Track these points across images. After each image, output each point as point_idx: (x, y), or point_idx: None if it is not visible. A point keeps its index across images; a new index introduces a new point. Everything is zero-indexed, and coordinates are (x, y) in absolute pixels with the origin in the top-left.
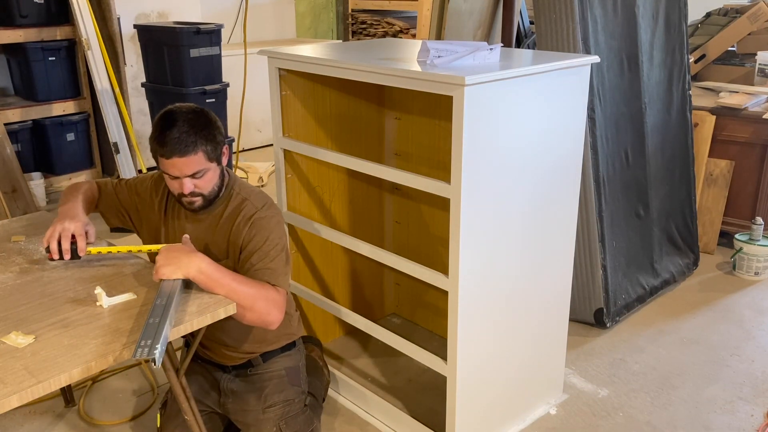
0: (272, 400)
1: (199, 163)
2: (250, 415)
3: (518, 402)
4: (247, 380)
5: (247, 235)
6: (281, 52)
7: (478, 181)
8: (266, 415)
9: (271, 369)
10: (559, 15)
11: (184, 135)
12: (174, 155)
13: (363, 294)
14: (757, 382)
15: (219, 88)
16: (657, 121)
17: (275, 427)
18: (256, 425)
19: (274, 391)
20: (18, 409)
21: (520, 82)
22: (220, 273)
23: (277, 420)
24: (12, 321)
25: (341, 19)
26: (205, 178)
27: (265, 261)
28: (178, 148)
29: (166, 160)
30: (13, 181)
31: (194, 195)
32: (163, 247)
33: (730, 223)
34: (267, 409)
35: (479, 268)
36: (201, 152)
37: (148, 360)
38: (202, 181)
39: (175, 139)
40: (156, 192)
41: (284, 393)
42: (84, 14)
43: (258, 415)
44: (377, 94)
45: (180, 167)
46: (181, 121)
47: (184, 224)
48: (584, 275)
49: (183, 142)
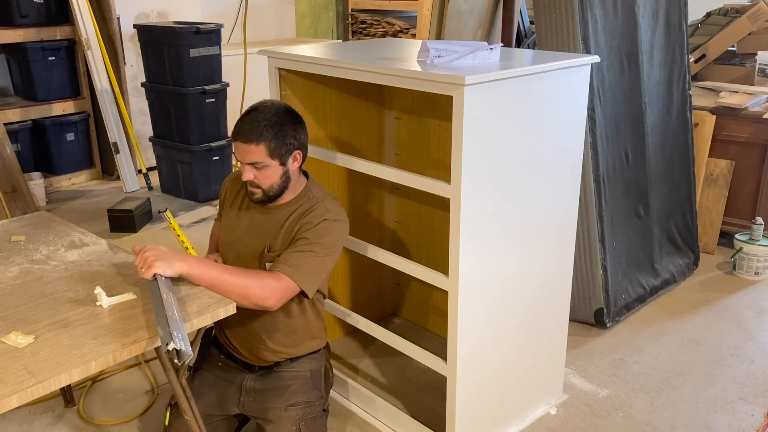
0: (295, 399)
1: (258, 154)
2: (271, 411)
3: (518, 402)
4: (272, 377)
5: (304, 229)
6: (281, 52)
7: (478, 181)
8: (287, 413)
9: (296, 369)
10: (559, 15)
11: (255, 124)
12: (238, 138)
13: (363, 294)
14: (757, 382)
15: (219, 88)
16: (657, 121)
17: (295, 426)
18: (277, 422)
19: (298, 390)
20: (18, 409)
21: (520, 82)
22: (208, 267)
23: (297, 420)
24: (12, 321)
25: (341, 19)
26: (264, 172)
27: (289, 253)
28: (243, 134)
29: (233, 140)
30: (13, 181)
31: (254, 186)
32: (148, 246)
33: (730, 223)
34: (289, 407)
35: (479, 268)
36: (263, 145)
37: (179, 351)
38: (261, 174)
39: (246, 124)
40: (235, 184)
41: (307, 394)
42: (84, 14)
43: (279, 411)
44: (377, 94)
45: (241, 152)
46: (260, 111)
47: (254, 215)
48: (584, 275)
49: (250, 130)
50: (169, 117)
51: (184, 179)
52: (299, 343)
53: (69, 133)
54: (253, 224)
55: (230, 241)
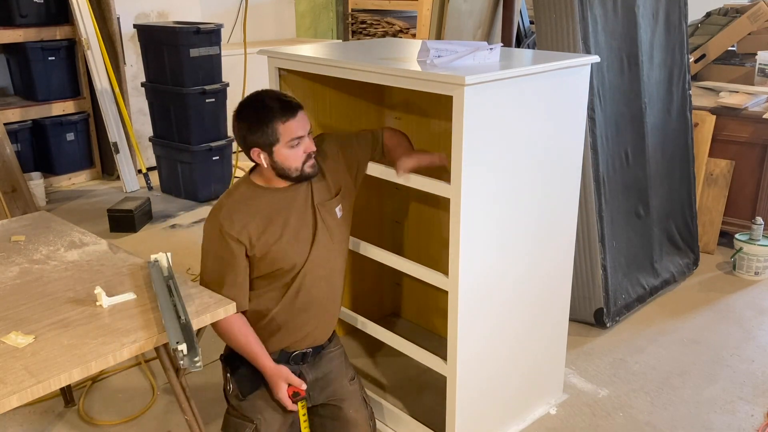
0: (350, 373)
1: (308, 119)
2: (341, 389)
3: (518, 402)
4: (322, 364)
5: (340, 149)
6: (281, 51)
7: (478, 180)
8: (353, 386)
9: (332, 349)
10: (559, 15)
11: (286, 96)
12: (290, 110)
13: (363, 294)
14: (758, 382)
15: (219, 88)
16: (657, 121)
17: (361, 396)
18: (349, 398)
19: (346, 365)
20: (18, 408)
21: (520, 82)
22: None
23: (360, 392)
24: (12, 321)
25: (341, 19)
26: (311, 136)
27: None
28: (293, 105)
29: (293, 119)
30: (13, 181)
31: (313, 155)
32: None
33: (730, 223)
34: (351, 381)
35: (479, 268)
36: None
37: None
38: (311, 139)
39: (284, 97)
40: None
41: (351, 368)
42: (84, 14)
43: (347, 387)
44: (377, 94)
45: (304, 122)
46: (270, 89)
47: (292, 214)
48: (584, 275)
49: (292, 101)
50: (169, 117)
51: (184, 179)
52: (338, 312)
53: (69, 133)
54: (296, 212)
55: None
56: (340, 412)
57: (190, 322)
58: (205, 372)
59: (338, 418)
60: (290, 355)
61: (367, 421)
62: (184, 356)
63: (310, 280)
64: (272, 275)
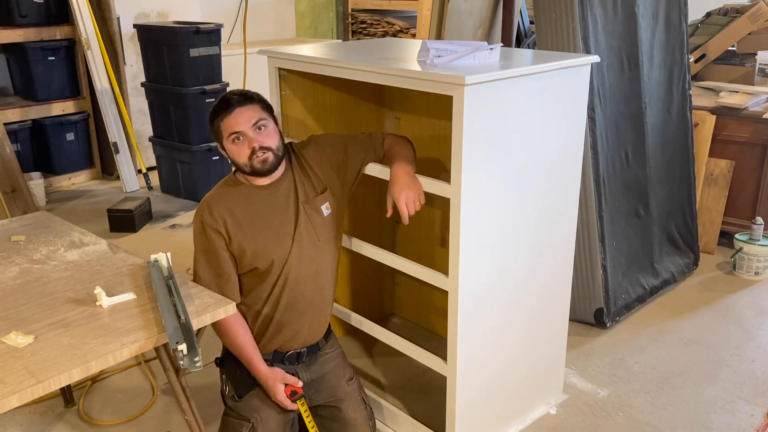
0: (347, 373)
1: (258, 112)
2: (338, 390)
3: (518, 402)
4: (319, 364)
5: (327, 150)
6: (281, 51)
7: (478, 180)
8: (350, 387)
9: (329, 350)
10: (559, 15)
11: (242, 94)
12: (231, 106)
13: (363, 294)
14: (757, 382)
15: (219, 88)
16: (657, 121)
17: (359, 396)
18: (347, 398)
19: (344, 365)
20: (18, 408)
21: (520, 82)
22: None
23: (359, 392)
24: (12, 321)
25: (341, 19)
26: (267, 131)
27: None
28: (235, 101)
29: (229, 115)
30: (13, 181)
31: (264, 150)
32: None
33: (730, 223)
34: (349, 381)
35: (479, 268)
36: (256, 104)
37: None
38: (265, 134)
39: (233, 95)
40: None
41: (349, 368)
42: (84, 14)
43: (345, 388)
44: (377, 94)
45: (241, 118)
46: (236, 91)
47: (268, 206)
48: (584, 275)
49: (240, 96)
50: (169, 117)
51: (183, 179)
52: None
53: (69, 133)
54: (277, 209)
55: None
56: (339, 413)
57: (190, 322)
58: (205, 372)
59: (337, 419)
60: (284, 356)
61: (366, 421)
62: (184, 356)
63: (295, 278)
64: (253, 273)
